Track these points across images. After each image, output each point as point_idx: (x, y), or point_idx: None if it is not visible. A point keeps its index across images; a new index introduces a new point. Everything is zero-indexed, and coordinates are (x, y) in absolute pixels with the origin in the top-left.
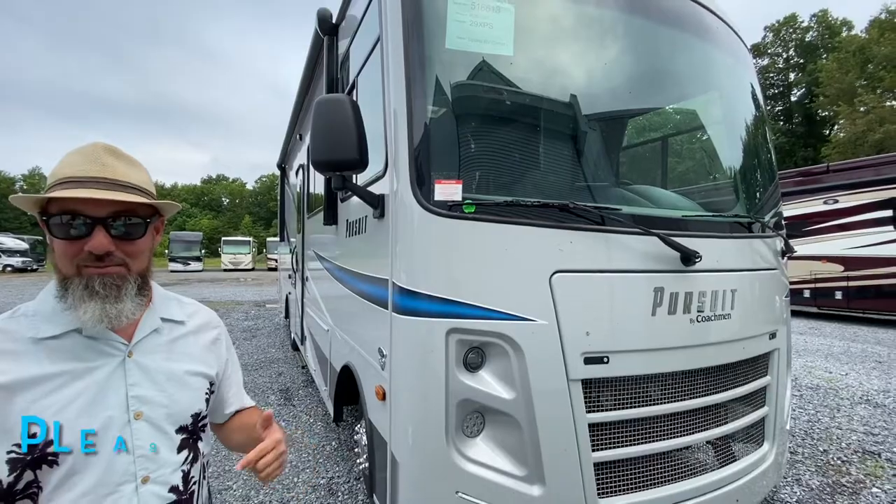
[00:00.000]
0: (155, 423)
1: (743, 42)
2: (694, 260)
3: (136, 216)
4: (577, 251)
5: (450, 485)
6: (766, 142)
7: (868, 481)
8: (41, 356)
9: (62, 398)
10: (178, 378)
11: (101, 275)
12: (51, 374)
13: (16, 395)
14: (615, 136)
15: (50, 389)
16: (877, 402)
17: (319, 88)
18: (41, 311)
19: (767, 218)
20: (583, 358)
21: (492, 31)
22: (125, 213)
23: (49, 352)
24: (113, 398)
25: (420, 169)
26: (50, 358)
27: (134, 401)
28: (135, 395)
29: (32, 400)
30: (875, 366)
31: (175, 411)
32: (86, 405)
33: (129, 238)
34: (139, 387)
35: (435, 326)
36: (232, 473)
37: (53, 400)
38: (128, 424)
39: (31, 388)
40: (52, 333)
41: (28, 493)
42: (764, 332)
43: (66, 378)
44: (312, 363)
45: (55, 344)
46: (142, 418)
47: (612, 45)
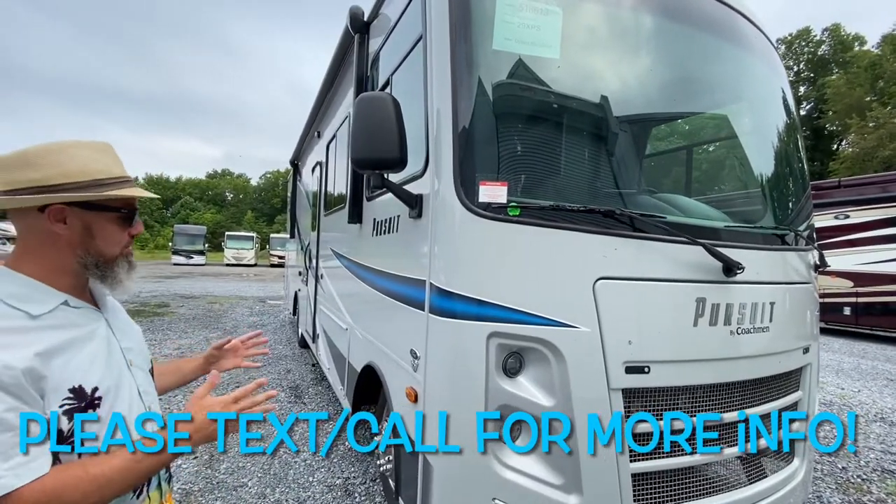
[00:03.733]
0: (140, 367)
1: (777, 51)
2: (736, 271)
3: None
4: (621, 258)
5: (486, 491)
6: (798, 151)
7: (890, 500)
8: (49, 328)
9: (85, 358)
10: (132, 329)
11: (131, 254)
12: (67, 339)
13: (52, 359)
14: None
15: (73, 353)
16: (892, 421)
17: (344, 86)
18: (23, 292)
19: (802, 229)
20: (624, 367)
21: (539, 34)
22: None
23: (53, 323)
24: (116, 353)
25: (464, 170)
26: (57, 328)
27: (126, 352)
28: (125, 346)
29: (64, 363)
30: (887, 383)
31: (144, 355)
32: (105, 361)
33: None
34: (123, 340)
35: (476, 330)
36: (246, 470)
37: (80, 360)
38: (128, 369)
39: (60, 354)
40: (47, 309)
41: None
42: (799, 346)
43: (79, 341)
44: (326, 361)
45: (51, 317)
46: (133, 365)
47: (655, 50)
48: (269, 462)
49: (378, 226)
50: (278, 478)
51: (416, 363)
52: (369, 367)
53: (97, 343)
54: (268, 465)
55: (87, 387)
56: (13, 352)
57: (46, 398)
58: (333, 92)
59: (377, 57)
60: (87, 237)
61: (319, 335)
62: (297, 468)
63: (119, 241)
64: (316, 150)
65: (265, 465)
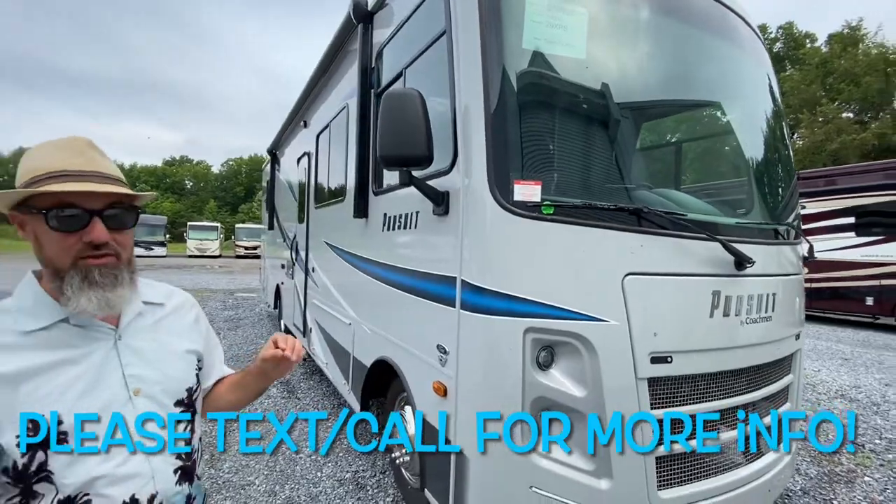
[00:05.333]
0: (153, 397)
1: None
2: (746, 265)
3: (123, 207)
4: (647, 254)
5: (524, 480)
6: (787, 147)
7: (859, 471)
8: (33, 347)
9: (60, 384)
10: (168, 355)
11: (98, 266)
12: (46, 363)
13: (20, 384)
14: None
15: (48, 378)
16: (851, 397)
17: (339, 76)
18: (22, 306)
19: (795, 223)
20: (650, 357)
21: (565, 34)
22: (115, 205)
23: (41, 342)
24: (112, 379)
25: (498, 168)
26: (42, 348)
27: (131, 379)
28: (131, 373)
29: (33, 389)
30: (842, 362)
31: (170, 387)
32: (86, 388)
33: (121, 228)
34: (133, 366)
35: (512, 325)
36: (251, 469)
37: (52, 387)
38: (129, 401)
39: (32, 378)
40: (40, 325)
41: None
42: (793, 333)
43: (63, 365)
44: (322, 356)
45: (45, 335)
46: (140, 394)
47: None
48: (273, 459)
49: (390, 221)
50: (286, 475)
51: (444, 358)
52: (382, 361)
53: (83, 369)
54: (273, 463)
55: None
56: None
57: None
58: (326, 81)
59: (384, 48)
60: (36, 245)
61: (312, 329)
62: (303, 464)
63: (64, 248)
64: (302, 139)
65: (270, 463)
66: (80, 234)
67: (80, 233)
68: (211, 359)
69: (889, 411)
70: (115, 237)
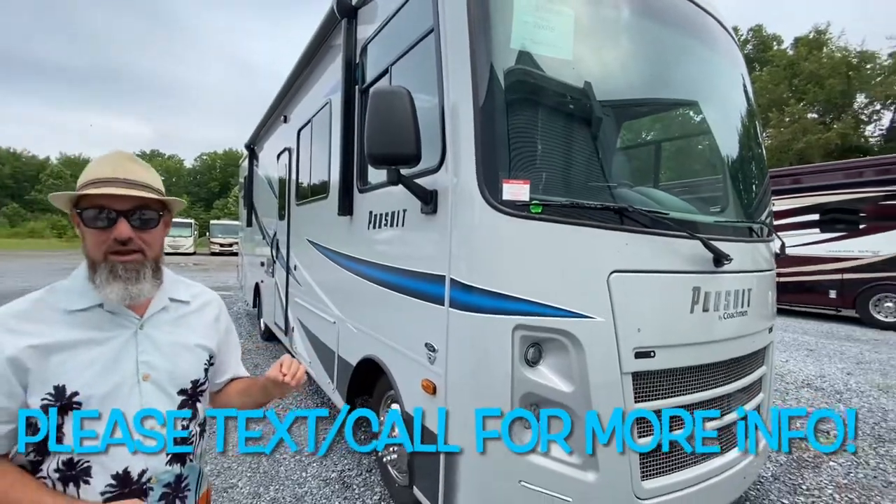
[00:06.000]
0: (159, 384)
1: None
2: (724, 262)
3: (150, 210)
4: (632, 252)
5: (514, 475)
6: (760, 147)
7: (825, 456)
8: (71, 324)
9: (84, 360)
10: (181, 348)
11: (123, 262)
12: (77, 339)
13: (51, 354)
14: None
15: (75, 353)
16: (816, 386)
17: (320, 70)
18: (73, 287)
19: (769, 220)
20: (634, 352)
21: (552, 34)
22: (141, 208)
23: (77, 321)
24: (125, 363)
25: (487, 168)
26: (78, 326)
27: (143, 365)
28: (143, 360)
29: (62, 361)
30: (808, 353)
31: (177, 375)
32: (103, 368)
33: (145, 228)
34: (147, 354)
35: (502, 323)
36: (233, 471)
37: (77, 362)
38: (137, 385)
39: (61, 351)
40: (81, 307)
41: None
42: (766, 326)
43: (89, 344)
44: (305, 354)
45: (82, 315)
46: (149, 380)
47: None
48: (256, 460)
49: (376, 219)
50: (269, 476)
51: (433, 356)
52: (368, 360)
53: (106, 349)
54: (256, 464)
55: (69, 388)
56: (11, 338)
57: (30, 389)
58: (308, 75)
59: (368, 44)
60: (82, 241)
61: (294, 328)
62: (287, 465)
63: (97, 243)
64: (282, 134)
65: (253, 464)
66: (110, 232)
67: (110, 230)
68: (226, 357)
69: (851, 399)
70: (141, 236)
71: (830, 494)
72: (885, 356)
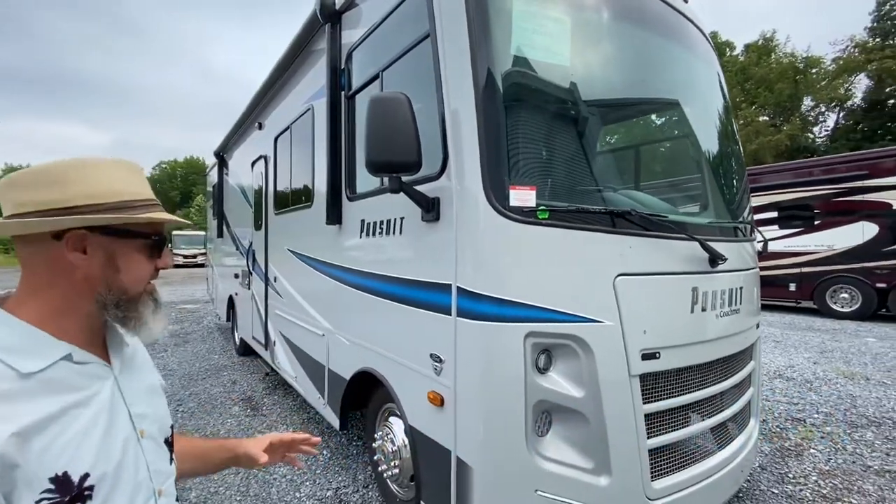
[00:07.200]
0: (153, 437)
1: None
2: (719, 262)
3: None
4: (636, 255)
5: (529, 484)
6: (740, 148)
7: (805, 444)
8: (38, 392)
9: (77, 432)
10: (152, 392)
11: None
12: (56, 411)
13: (30, 439)
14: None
15: (63, 427)
16: (787, 377)
17: (299, 76)
18: (12, 344)
19: (751, 220)
20: (640, 354)
21: (550, 41)
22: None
23: (43, 386)
24: (121, 419)
25: (493, 174)
26: (48, 392)
27: (137, 418)
28: (136, 412)
29: (49, 442)
30: (775, 345)
31: (162, 424)
32: (100, 439)
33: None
34: (136, 405)
35: (513, 331)
36: (220, 496)
37: (69, 438)
38: (138, 443)
39: (44, 430)
40: (39, 366)
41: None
42: (754, 323)
43: (75, 409)
44: (290, 369)
45: (46, 376)
46: (145, 436)
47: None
48: (245, 483)
49: (369, 227)
50: (261, 499)
51: (439, 367)
52: (364, 373)
53: (95, 411)
54: (245, 486)
55: (75, 474)
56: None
57: (18, 492)
58: (286, 81)
59: (354, 50)
60: (109, 270)
61: (276, 341)
62: (278, 485)
63: (145, 274)
64: (257, 142)
65: (242, 487)
66: (157, 261)
67: (154, 259)
68: None
69: (821, 387)
70: None
71: (815, 481)
72: (846, 345)
